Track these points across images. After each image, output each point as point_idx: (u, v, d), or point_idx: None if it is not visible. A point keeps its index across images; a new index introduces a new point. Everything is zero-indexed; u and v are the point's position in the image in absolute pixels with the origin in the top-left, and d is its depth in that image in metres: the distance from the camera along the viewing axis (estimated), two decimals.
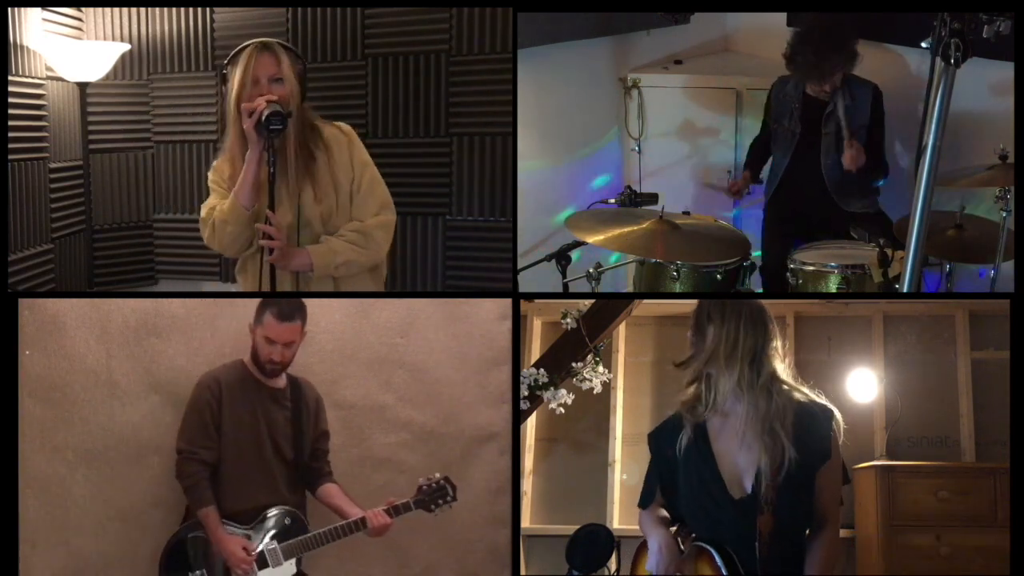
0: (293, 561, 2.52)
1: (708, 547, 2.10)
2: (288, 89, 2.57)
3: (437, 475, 2.60)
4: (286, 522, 2.54)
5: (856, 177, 3.60)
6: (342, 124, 2.77)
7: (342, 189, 2.68)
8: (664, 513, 2.25)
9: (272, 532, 2.52)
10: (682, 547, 2.17)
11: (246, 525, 2.51)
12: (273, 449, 2.57)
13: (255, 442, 2.55)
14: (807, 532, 2.14)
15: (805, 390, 2.17)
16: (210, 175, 2.72)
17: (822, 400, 2.16)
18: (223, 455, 2.53)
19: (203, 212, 2.67)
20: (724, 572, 2.05)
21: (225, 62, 2.62)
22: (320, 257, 2.62)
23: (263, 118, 2.46)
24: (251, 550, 2.47)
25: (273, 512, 2.54)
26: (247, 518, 2.52)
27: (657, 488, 2.27)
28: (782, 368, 2.16)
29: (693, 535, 2.16)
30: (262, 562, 2.49)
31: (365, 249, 2.68)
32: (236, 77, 2.56)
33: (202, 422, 2.52)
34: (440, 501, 2.58)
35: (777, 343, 2.17)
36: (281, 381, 2.61)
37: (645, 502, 2.29)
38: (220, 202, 2.62)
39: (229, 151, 2.66)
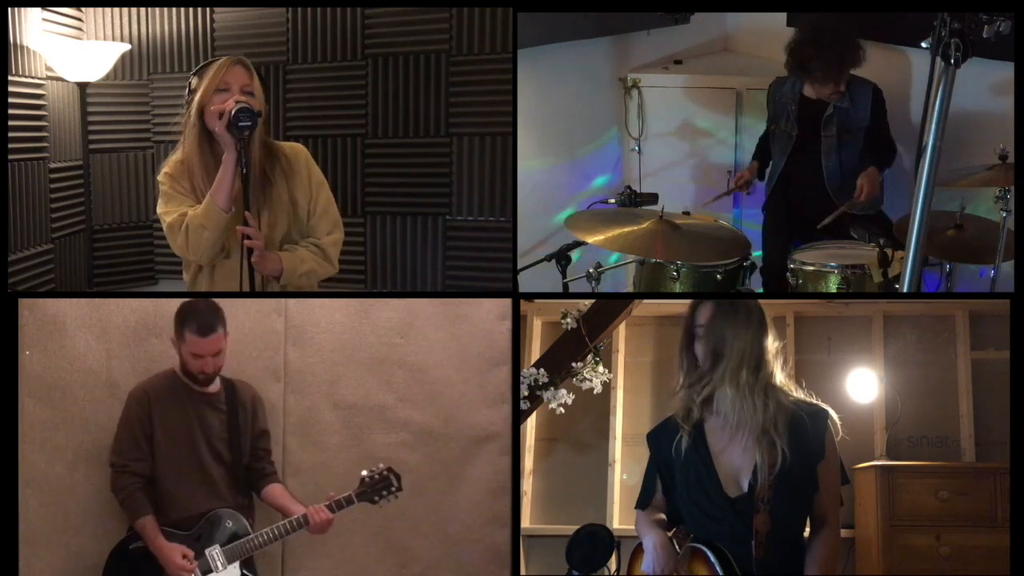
0: (237, 564, 2.51)
1: (703, 548, 2.10)
2: (258, 102, 2.56)
3: (381, 465, 2.58)
4: (227, 525, 2.53)
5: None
6: (295, 144, 2.77)
7: (300, 208, 2.69)
8: (661, 516, 2.26)
9: (214, 536, 2.51)
10: (678, 548, 2.17)
11: (188, 531, 2.51)
12: (211, 454, 2.56)
13: (191, 449, 2.55)
14: (807, 532, 2.15)
15: (801, 394, 2.19)
16: (165, 182, 2.63)
17: (815, 401, 2.18)
18: (159, 465, 2.53)
19: (168, 219, 2.58)
20: (720, 572, 2.05)
21: (191, 73, 2.61)
22: (289, 263, 2.63)
23: (232, 115, 2.44)
24: (191, 557, 2.47)
25: (214, 516, 2.53)
26: (189, 524, 2.52)
27: (656, 489, 2.28)
28: (778, 368, 2.18)
29: (691, 536, 2.17)
30: (205, 567, 2.48)
31: (325, 262, 2.71)
32: (203, 84, 2.54)
33: (132, 435, 2.53)
34: (384, 492, 2.56)
35: (773, 343, 2.18)
36: (215, 386, 2.61)
37: (643, 503, 2.31)
38: (190, 209, 2.57)
39: (185, 161, 2.62)
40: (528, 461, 3.71)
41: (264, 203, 2.63)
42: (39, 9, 3.63)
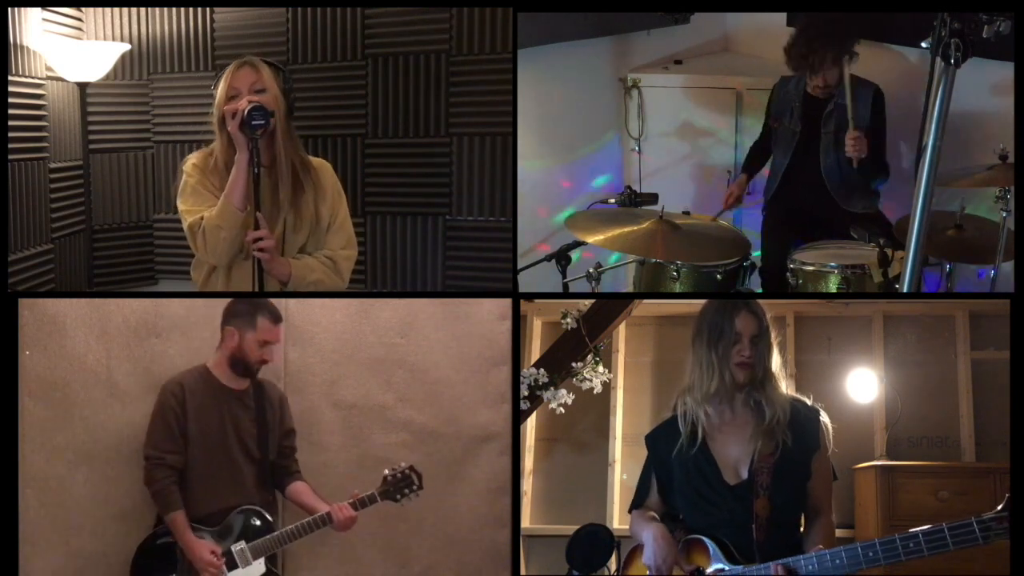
0: (262, 560, 2.53)
1: (701, 537, 2.14)
2: (271, 97, 2.59)
3: (403, 464, 2.60)
4: (254, 522, 2.54)
5: (857, 178, 3.60)
6: (322, 160, 2.83)
7: (323, 221, 2.73)
8: (653, 515, 2.28)
9: (240, 532, 2.53)
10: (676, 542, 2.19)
11: (214, 527, 2.52)
12: (240, 450, 2.58)
13: (222, 444, 2.57)
14: (802, 524, 2.18)
15: (793, 392, 2.26)
16: (192, 173, 2.67)
17: (806, 400, 2.26)
18: (190, 459, 2.55)
19: (189, 220, 2.62)
20: (720, 560, 2.08)
21: (212, 86, 2.66)
22: (298, 269, 2.65)
23: (245, 114, 2.48)
24: (219, 553, 2.48)
25: (240, 512, 2.55)
26: (216, 520, 2.53)
27: (651, 490, 2.32)
28: (777, 364, 2.23)
29: (688, 529, 2.19)
30: (231, 563, 2.50)
31: (335, 275, 2.73)
32: (217, 94, 2.61)
33: (167, 427, 2.54)
34: (406, 491, 2.58)
35: (776, 339, 2.24)
36: (244, 382, 2.63)
37: (637, 503, 2.34)
38: (206, 211, 2.60)
39: (213, 155, 2.68)
40: (528, 461, 3.72)
41: (291, 205, 2.66)
42: (39, 9, 3.63)
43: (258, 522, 2.55)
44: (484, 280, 3.74)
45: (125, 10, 4.04)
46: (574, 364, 2.72)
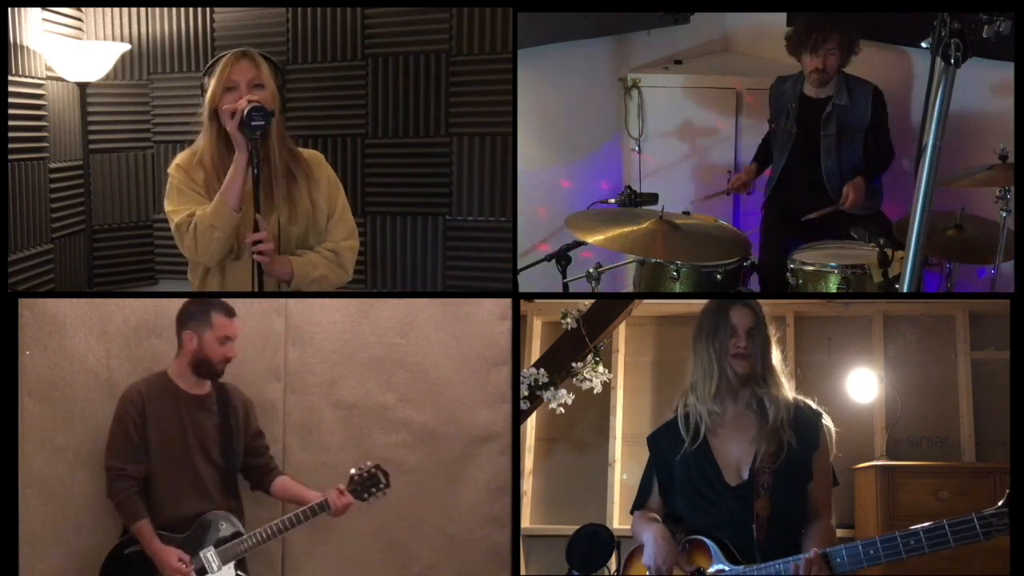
0: (232, 565, 2.52)
1: (702, 538, 2.15)
2: (269, 94, 2.55)
3: (368, 463, 2.59)
4: (221, 527, 2.53)
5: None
6: (314, 151, 2.79)
7: (320, 212, 2.69)
8: (655, 515, 2.28)
9: (208, 538, 2.51)
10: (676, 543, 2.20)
11: (182, 534, 2.51)
12: (203, 456, 2.56)
13: (184, 451, 2.55)
14: (802, 525, 2.18)
15: (795, 394, 2.26)
16: (176, 174, 2.61)
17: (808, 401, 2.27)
18: (153, 467, 2.53)
19: (176, 219, 2.56)
20: (721, 560, 2.09)
21: (202, 73, 2.60)
22: (300, 267, 2.61)
23: (245, 115, 2.42)
24: (187, 560, 2.47)
25: (207, 518, 2.53)
26: (183, 527, 2.51)
27: (652, 491, 2.32)
28: (777, 359, 2.24)
29: (689, 531, 2.20)
30: (201, 569, 2.49)
31: (339, 268, 2.70)
32: (212, 84, 2.54)
33: (127, 437, 2.52)
34: (373, 489, 2.57)
35: (775, 336, 2.26)
36: (205, 388, 2.61)
37: (639, 504, 2.35)
38: (198, 208, 2.55)
39: (198, 153, 2.62)
40: (528, 461, 3.71)
41: (285, 199, 2.63)
42: (39, 9, 3.63)
43: (226, 527, 2.53)
44: (484, 280, 3.74)
45: (125, 10, 4.04)
46: (574, 364, 2.72)
